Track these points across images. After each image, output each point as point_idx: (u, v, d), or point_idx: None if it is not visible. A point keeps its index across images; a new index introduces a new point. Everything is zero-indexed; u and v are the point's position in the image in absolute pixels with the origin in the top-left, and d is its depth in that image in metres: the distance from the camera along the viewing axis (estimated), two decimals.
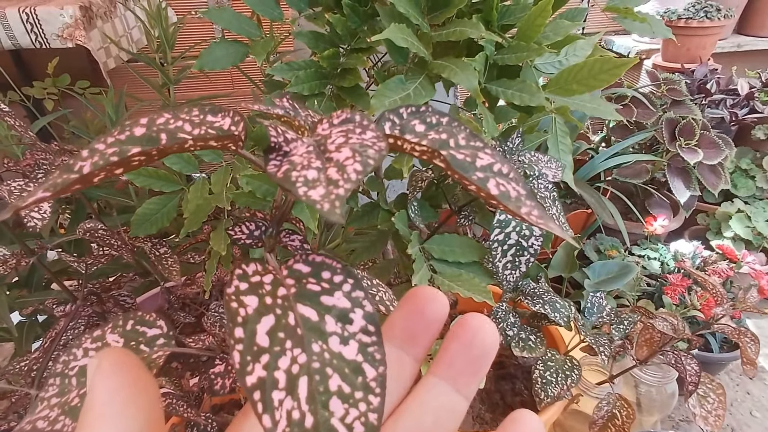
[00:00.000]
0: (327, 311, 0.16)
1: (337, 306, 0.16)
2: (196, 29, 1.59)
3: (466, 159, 0.16)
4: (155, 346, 0.20)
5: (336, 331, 0.16)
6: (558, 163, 0.50)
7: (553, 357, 0.52)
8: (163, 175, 0.52)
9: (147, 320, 0.21)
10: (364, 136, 0.15)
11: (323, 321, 0.16)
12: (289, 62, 0.50)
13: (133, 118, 0.16)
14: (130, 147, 0.15)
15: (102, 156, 0.15)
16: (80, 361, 0.20)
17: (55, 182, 0.14)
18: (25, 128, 0.43)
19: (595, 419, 0.52)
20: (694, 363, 0.48)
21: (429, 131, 0.17)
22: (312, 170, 0.14)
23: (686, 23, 1.52)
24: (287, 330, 0.15)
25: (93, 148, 0.15)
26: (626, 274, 0.88)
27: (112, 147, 0.15)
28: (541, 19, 0.42)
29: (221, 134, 0.16)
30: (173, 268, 0.54)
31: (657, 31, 0.49)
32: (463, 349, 0.19)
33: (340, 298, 0.16)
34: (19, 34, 1.21)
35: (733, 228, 1.14)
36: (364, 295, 0.17)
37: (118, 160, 0.14)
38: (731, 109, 1.25)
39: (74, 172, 0.14)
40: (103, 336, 0.20)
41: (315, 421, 0.14)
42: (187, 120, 0.16)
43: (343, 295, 0.17)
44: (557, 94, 0.43)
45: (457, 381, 0.19)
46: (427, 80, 0.42)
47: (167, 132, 0.16)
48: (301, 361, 0.15)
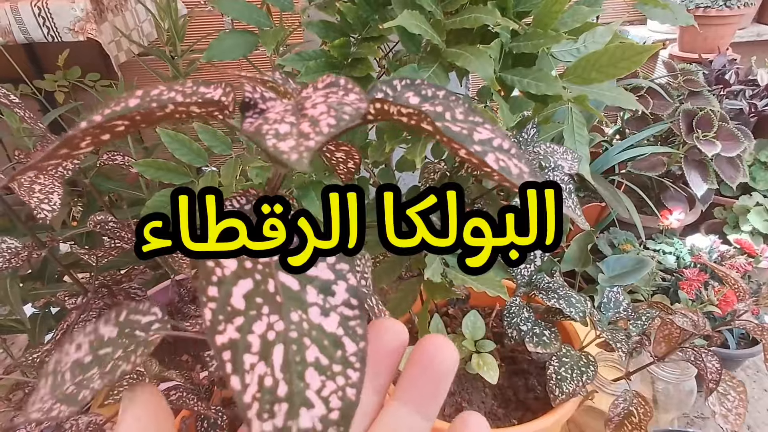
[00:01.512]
0: (309, 281, 0.16)
1: (320, 277, 0.16)
2: (207, 21, 1.58)
3: (463, 131, 0.15)
4: (150, 331, 0.20)
5: (317, 302, 0.15)
6: (574, 154, 0.49)
7: (568, 353, 0.51)
8: (173, 167, 0.52)
9: (140, 309, 0.20)
10: (346, 98, 0.15)
11: (304, 291, 0.15)
12: (300, 52, 0.50)
13: (131, 90, 0.16)
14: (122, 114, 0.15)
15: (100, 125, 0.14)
16: (73, 355, 0.19)
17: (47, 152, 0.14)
18: (35, 120, 0.43)
19: (611, 417, 0.51)
20: (715, 360, 0.47)
21: (423, 103, 0.16)
22: (285, 125, 0.14)
23: (704, 12, 1.48)
24: (266, 296, 0.15)
25: (90, 119, 0.15)
26: (641, 268, 0.86)
27: (106, 118, 0.15)
28: (559, 5, 0.40)
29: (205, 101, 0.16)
30: (183, 261, 0.54)
31: (679, 18, 0.47)
32: (422, 372, 0.19)
33: (323, 269, 0.16)
34: (32, 27, 1.21)
35: (752, 222, 1.12)
36: (348, 268, 0.16)
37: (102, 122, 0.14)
38: (750, 100, 1.22)
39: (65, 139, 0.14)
40: (97, 329, 0.20)
41: (289, 391, 0.14)
42: (180, 91, 0.16)
43: (327, 266, 0.16)
44: (575, 83, 0.42)
45: (419, 404, 0.19)
46: (440, 69, 0.40)
47: (158, 101, 0.15)
48: (278, 328, 0.14)
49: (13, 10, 1.21)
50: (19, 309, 0.62)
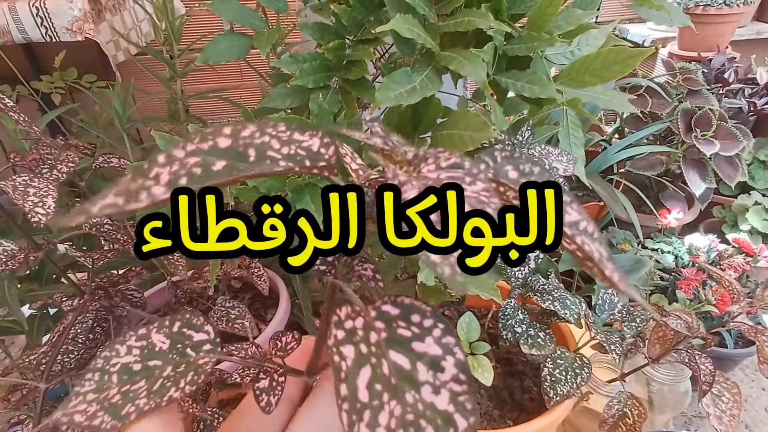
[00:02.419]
0: (419, 358, 0.16)
1: (429, 353, 0.16)
2: (206, 22, 1.58)
3: None
4: (201, 352, 0.20)
5: (428, 380, 0.15)
6: (569, 156, 0.49)
7: (562, 354, 0.51)
8: None
9: (194, 323, 0.21)
10: (474, 187, 0.15)
11: (415, 369, 0.16)
12: (294, 55, 0.49)
13: (217, 127, 0.15)
14: (214, 159, 0.14)
15: (183, 166, 0.14)
16: (123, 358, 0.20)
17: (128, 188, 0.13)
18: (30, 123, 0.43)
19: (605, 418, 0.51)
20: (709, 362, 0.47)
21: (522, 179, 0.17)
22: None
23: (704, 10, 1.48)
24: (383, 381, 0.15)
25: (170, 155, 0.14)
26: (639, 268, 0.86)
27: (193, 156, 0.14)
28: (553, 8, 0.40)
29: (313, 157, 0.15)
30: (179, 263, 0.54)
31: (675, 19, 0.47)
32: None
33: (431, 344, 0.16)
34: (30, 27, 1.21)
35: (750, 221, 1.12)
36: (455, 341, 0.16)
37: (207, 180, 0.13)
38: (750, 98, 1.22)
39: (147, 180, 0.13)
40: (149, 335, 0.20)
41: None
42: (274, 136, 0.16)
43: (434, 340, 0.16)
44: (569, 86, 0.42)
45: None
46: (434, 72, 0.40)
47: (255, 148, 0.15)
48: (397, 413, 0.15)
49: (11, 10, 1.21)
50: (16, 310, 0.62)
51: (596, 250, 0.16)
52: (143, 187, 0.13)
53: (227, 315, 0.56)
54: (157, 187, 0.14)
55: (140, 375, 0.19)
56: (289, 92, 0.49)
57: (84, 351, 0.55)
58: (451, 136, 0.40)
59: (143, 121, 0.84)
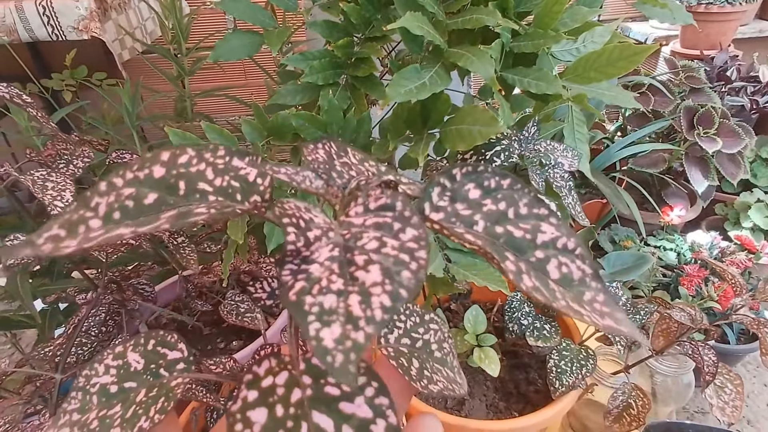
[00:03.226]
0: (345, 420, 0.14)
1: (357, 415, 0.14)
2: (208, 20, 1.59)
3: (526, 236, 0.15)
4: (174, 371, 0.20)
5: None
6: (574, 152, 0.50)
7: (567, 346, 0.52)
8: None
9: (168, 341, 0.20)
10: (402, 237, 0.13)
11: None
12: (304, 52, 0.50)
13: (155, 152, 0.15)
14: (147, 191, 0.14)
15: (118, 198, 0.14)
16: (101, 377, 0.20)
17: (70, 219, 0.13)
18: (46, 119, 0.44)
19: (610, 409, 0.52)
20: (712, 353, 0.47)
21: (485, 198, 0.15)
22: (331, 295, 0.12)
23: (706, 8, 1.48)
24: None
25: (111, 183, 0.14)
26: (642, 264, 0.87)
27: (129, 187, 0.14)
28: (559, 5, 0.41)
29: (247, 188, 0.14)
30: (191, 257, 0.55)
31: (678, 18, 0.48)
32: None
33: (361, 404, 0.15)
34: (36, 26, 1.22)
35: (752, 218, 1.12)
36: (388, 402, 0.15)
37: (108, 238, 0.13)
38: (752, 96, 1.22)
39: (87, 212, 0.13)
40: (125, 353, 0.20)
41: None
42: (211, 163, 0.15)
43: (365, 401, 0.15)
44: (574, 82, 0.43)
45: None
46: (442, 69, 0.41)
47: (187, 179, 0.15)
48: None
49: (18, 9, 1.22)
50: (29, 304, 0.63)
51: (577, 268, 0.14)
52: (82, 219, 0.13)
53: (237, 309, 0.57)
54: (94, 220, 0.13)
55: (117, 398, 0.19)
56: (299, 89, 0.50)
57: (97, 343, 0.56)
58: (460, 131, 0.41)
59: (151, 119, 0.85)
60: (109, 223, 0.13)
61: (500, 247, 0.15)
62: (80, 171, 0.46)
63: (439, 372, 0.22)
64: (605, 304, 0.14)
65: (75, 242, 0.13)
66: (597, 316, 0.13)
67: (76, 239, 0.13)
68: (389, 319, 0.12)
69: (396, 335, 0.23)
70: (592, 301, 0.14)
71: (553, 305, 0.13)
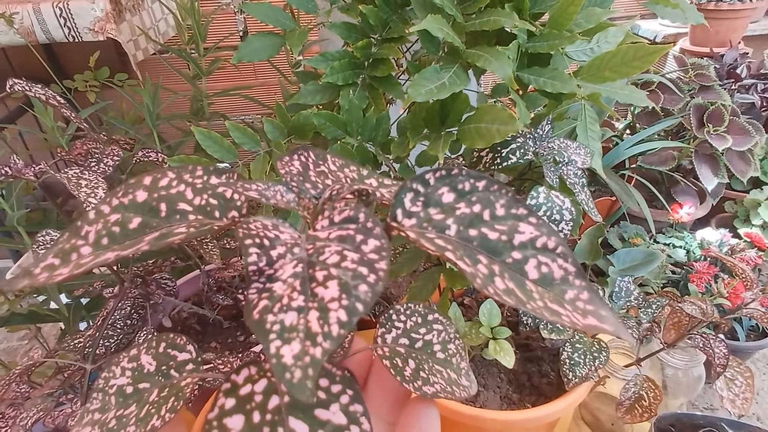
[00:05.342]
0: (320, 426, 0.15)
1: (333, 421, 0.15)
2: (218, 22, 1.61)
3: (501, 237, 0.15)
4: (184, 372, 0.21)
5: None
6: (587, 149, 0.51)
7: (581, 339, 0.53)
8: (203, 162, 0.55)
9: (178, 344, 0.22)
10: (364, 248, 0.13)
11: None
12: (323, 53, 0.52)
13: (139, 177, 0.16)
14: (131, 216, 0.15)
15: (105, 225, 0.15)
16: (118, 379, 0.21)
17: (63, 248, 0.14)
18: (79, 119, 0.46)
19: (621, 400, 0.53)
20: (723, 346, 0.49)
21: (459, 202, 0.15)
22: (291, 312, 0.12)
23: (716, 6, 1.48)
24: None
25: (99, 211, 0.15)
26: (651, 261, 0.88)
27: (115, 213, 0.15)
28: (574, 6, 0.42)
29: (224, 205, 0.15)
30: (213, 252, 0.57)
31: (690, 17, 0.49)
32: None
33: (336, 411, 0.15)
34: (53, 28, 1.25)
35: (762, 216, 1.12)
36: (362, 410, 0.15)
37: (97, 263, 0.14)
38: (762, 93, 1.22)
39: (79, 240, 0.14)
40: (138, 356, 0.21)
41: None
42: (190, 183, 0.16)
43: (340, 408, 0.15)
44: (589, 81, 0.44)
45: None
46: (461, 69, 0.43)
47: (167, 201, 0.15)
48: None
49: (36, 11, 1.24)
50: (56, 298, 0.65)
51: (559, 267, 0.14)
52: (74, 248, 0.14)
53: None
54: (85, 247, 0.14)
55: (132, 398, 0.20)
56: (319, 89, 0.52)
57: (122, 336, 0.58)
58: (478, 129, 0.42)
59: (169, 118, 0.87)
60: (98, 249, 0.14)
61: (473, 250, 0.15)
62: (110, 169, 0.48)
63: (439, 374, 0.22)
64: (589, 302, 0.14)
65: (67, 270, 0.14)
66: (578, 316, 0.13)
67: (68, 267, 0.14)
68: (346, 334, 0.12)
69: (394, 335, 0.23)
70: (574, 300, 0.14)
71: (527, 307, 0.13)
